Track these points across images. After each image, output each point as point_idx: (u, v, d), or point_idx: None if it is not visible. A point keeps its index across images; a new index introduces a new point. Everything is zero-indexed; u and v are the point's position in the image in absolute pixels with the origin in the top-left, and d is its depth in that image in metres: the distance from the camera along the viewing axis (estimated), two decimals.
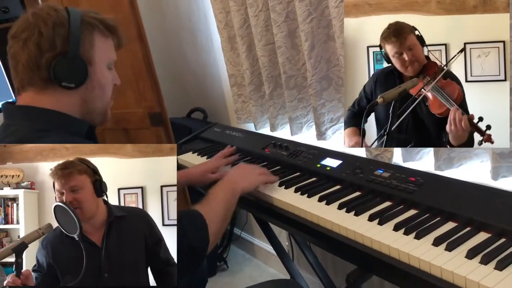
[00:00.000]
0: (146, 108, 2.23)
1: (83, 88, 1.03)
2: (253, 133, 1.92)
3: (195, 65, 2.61)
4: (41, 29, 0.98)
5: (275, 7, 1.67)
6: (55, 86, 1.00)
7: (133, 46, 2.12)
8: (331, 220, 1.11)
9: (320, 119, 1.68)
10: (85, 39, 1.02)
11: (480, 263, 0.87)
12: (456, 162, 1.32)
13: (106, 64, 1.08)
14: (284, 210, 1.25)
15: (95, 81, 1.05)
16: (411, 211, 1.10)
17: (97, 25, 1.05)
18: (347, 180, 1.29)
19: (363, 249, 1.02)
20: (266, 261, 2.63)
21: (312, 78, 1.63)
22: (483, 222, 0.98)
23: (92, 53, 1.04)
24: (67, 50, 0.98)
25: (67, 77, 1.00)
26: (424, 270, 0.90)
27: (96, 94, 1.07)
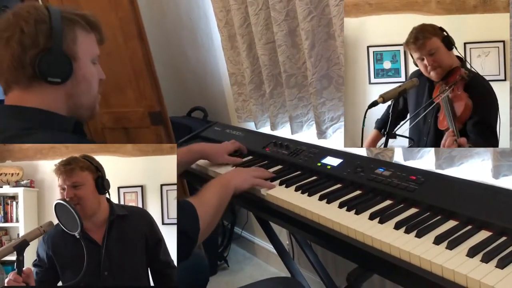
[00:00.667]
0: (146, 107, 2.23)
1: (68, 84, 1.04)
2: (253, 132, 1.92)
3: (195, 64, 2.60)
4: (22, 27, 0.99)
5: (275, 5, 1.66)
6: (41, 83, 1.01)
7: (133, 45, 2.12)
8: (331, 218, 1.11)
9: (320, 117, 1.68)
10: (67, 35, 1.03)
11: (481, 262, 0.86)
12: (457, 161, 1.32)
13: (90, 59, 1.09)
14: (284, 209, 1.25)
15: (80, 76, 1.06)
16: (412, 209, 1.10)
17: (78, 20, 1.06)
18: (347, 178, 1.29)
19: (364, 247, 1.01)
20: (267, 260, 2.63)
21: (312, 76, 1.63)
22: (484, 221, 0.98)
23: (76, 48, 1.04)
24: (51, 46, 0.99)
25: (53, 73, 1.01)
26: (425, 268, 0.90)
27: (82, 89, 1.08)
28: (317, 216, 1.15)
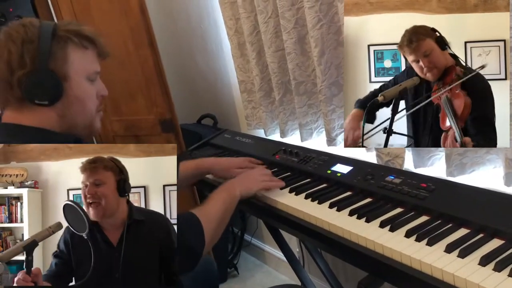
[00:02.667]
0: (157, 114, 2.25)
1: (59, 104, 1.02)
2: (263, 139, 1.92)
3: (205, 72, 2.62)
4: (10, 48, 0.97)
5: (285, 13, 1.67)
6: (30, 104, 0.99)
7: (144, 53, 2.14)
8: (342, 226, 1.10)
9: (330, 125, 1.68)
10: (58, 54, 1.00)
11: (493, 270, 0.85)
12: (468, 168, 1.31)
13: (85, 77, 1.05)
14: (294, 217, 1.25)
15: (71, 97, 1.03)
16: (422, 217, 1.09)
17: (71, 38, 1.02)
18: (358, 186, 1.28)
19: (374, 255, 1.01)
20: (277, 267, 2.62)
21: (322, 84, 1.63)
22: (496, 229, 0.97)
23: (66, 68, 1.01)
24: (38, 66, 0.97)
25: (39, 94, 0.98)
26: (436, 277, 0.89)
27: (75, 110, 1.05)
28: (327, 224, 1.14)
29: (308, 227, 1.19)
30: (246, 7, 1.87)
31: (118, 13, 2.14)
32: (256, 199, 1.34)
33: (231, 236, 2.71)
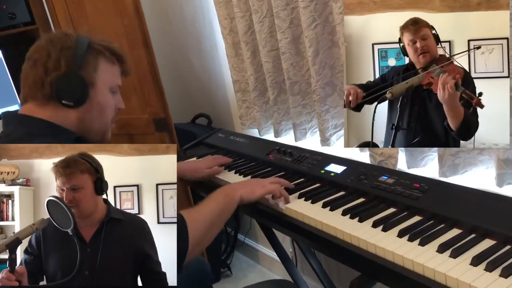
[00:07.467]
0: (151, 113, 2.24)
1: (82, 108, 1.12)
2: (257, 139, 1.92)
3: (199, 71, 2.62)
4: (50, 52, 1.09)
5: (280, 13, 1.67)
6: (56, 102, 1.09)
7: (138, 52, 2.13)
8: (335, 226, 1.11)
9: (324, 125, 1.68)
10: (90, 62, 1.12)
11: (485, 270, 0.86)
12: (461, 169, 1.31)
13: (108, 88, 1.17)
14: (288, 216, 1.25)
15: (94, 102, 1.14)
16: (415, 217, 1.10)
17: (103, 51, 1.15)
18: (351, 186, 1.28)
19: (367, 255, 1.01)
20: (270, 267, 2.62)
21: (316, 84, 1.63)
22: (488, 229, 0.97)
23: (95, 76, 1.13)
24: (71, 70, 1.08)
25: (67, 95, 1.09)
26: (428, 277, 0.89)
27: (94, 115, 1.15)
28: (320, 224, 1.15)
29: (301, 227, 1.20)
30: (241, 6, 1.87)
31: (112, 12, 2.13)
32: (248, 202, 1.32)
33: (224, 236, 2.71)
